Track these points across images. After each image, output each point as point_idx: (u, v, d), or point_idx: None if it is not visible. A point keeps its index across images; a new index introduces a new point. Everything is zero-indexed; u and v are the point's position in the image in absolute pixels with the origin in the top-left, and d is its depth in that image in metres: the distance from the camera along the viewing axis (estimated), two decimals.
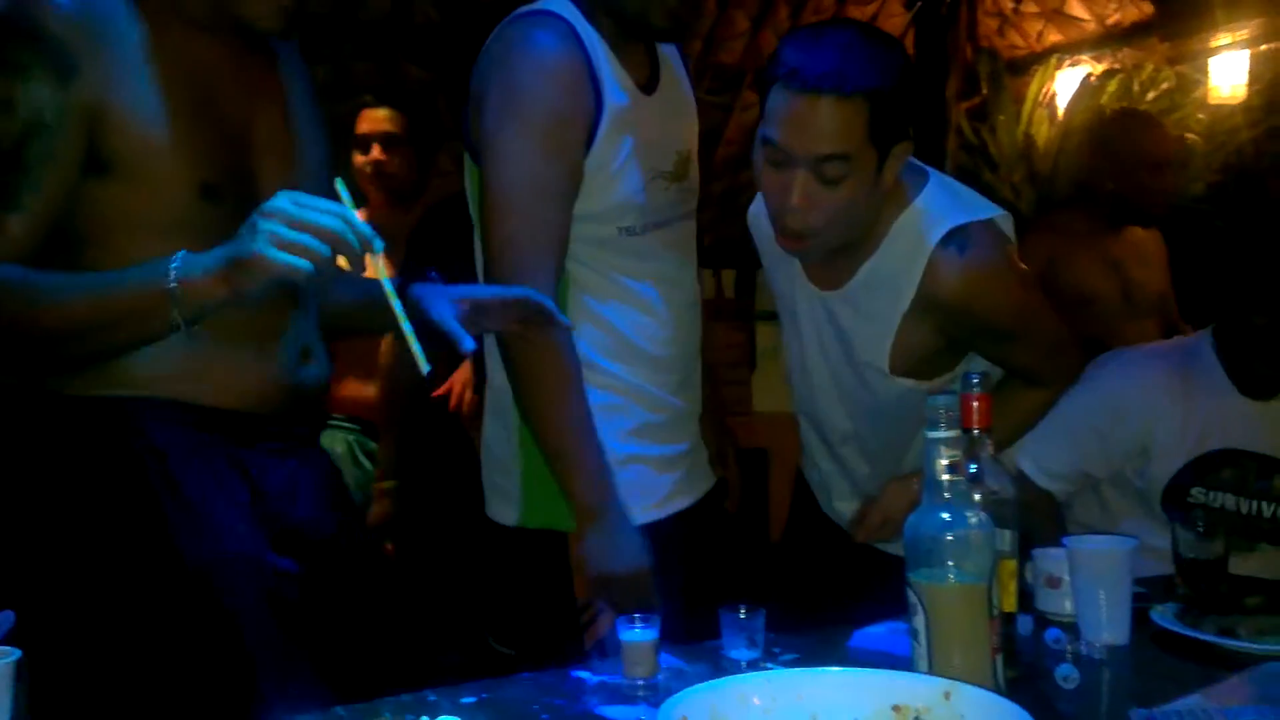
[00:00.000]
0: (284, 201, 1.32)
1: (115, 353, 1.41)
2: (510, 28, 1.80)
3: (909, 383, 1.92)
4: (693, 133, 2.01)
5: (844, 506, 2.12)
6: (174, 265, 1.33)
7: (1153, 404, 2.24)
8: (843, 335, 1.96)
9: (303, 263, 1.29)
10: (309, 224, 1.30)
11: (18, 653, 1.12)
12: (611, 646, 1.53)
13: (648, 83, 1.88)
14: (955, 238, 1.81)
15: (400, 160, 3.18)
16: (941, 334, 1.90)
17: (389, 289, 1.40)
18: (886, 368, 1.91)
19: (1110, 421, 2.25)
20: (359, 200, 2.52)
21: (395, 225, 2.94)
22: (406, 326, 1.40)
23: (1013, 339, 1.93)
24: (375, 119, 3.19)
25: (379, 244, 1.34)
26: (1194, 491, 2.25)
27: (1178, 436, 2.25)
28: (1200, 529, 1.82)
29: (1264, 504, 2.27)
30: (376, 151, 3.17)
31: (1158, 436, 2.25)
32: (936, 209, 1.84)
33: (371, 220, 2.34)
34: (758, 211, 2.04)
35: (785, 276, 2.02)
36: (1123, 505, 2.32)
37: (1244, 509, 2.27)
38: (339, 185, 1.39)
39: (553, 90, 1.74)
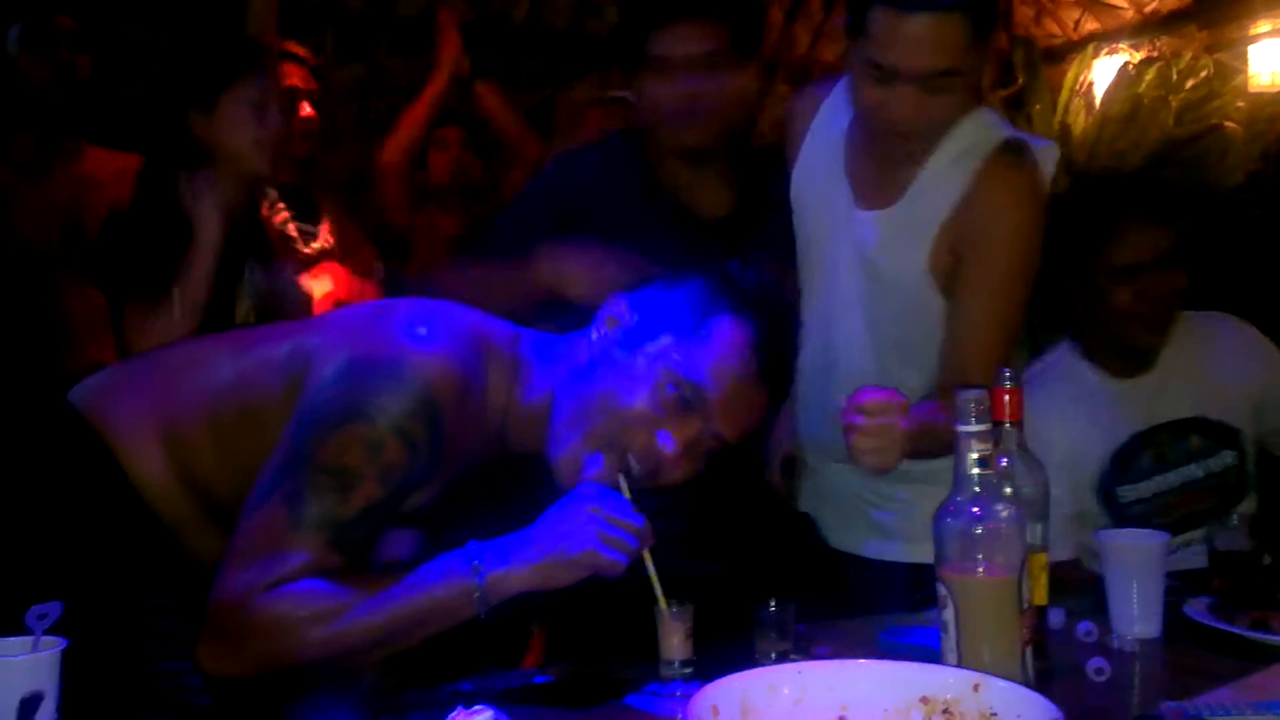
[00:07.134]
0: (600, 498, 1.34)
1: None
2: None
3: (939, 300, 1.91)
4: None
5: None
6: (475, 561, 1.31)
7: (1049, 426, 2.10)
8: (885, 249, 1.93)
9: (623, 558, 1.33)
10: (625, 522, 1.34)
11: (65, 642, 1.15)
12: None
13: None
14: (1014, 148, 1.88)
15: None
16: (952, 255, 1.88)
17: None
18: (926, 266, 1.89)
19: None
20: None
21: None
22: (650, 568, 1.43)
23: (992, 280, 1.86)
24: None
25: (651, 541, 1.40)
26: (1120, 491, 2.23)
27: (1085, 445, 2.23)
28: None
29: (1193, 466, 2.24)
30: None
31: (1070, 456, 2.19)
32: (998, 120, 1.95)
33: None
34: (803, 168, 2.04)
35: (830, 212, 2.00)
36: (1085, 526, 2.17)
37: (1176, 481, 2.24)
38: (621, 481, 1.42)
39: None
